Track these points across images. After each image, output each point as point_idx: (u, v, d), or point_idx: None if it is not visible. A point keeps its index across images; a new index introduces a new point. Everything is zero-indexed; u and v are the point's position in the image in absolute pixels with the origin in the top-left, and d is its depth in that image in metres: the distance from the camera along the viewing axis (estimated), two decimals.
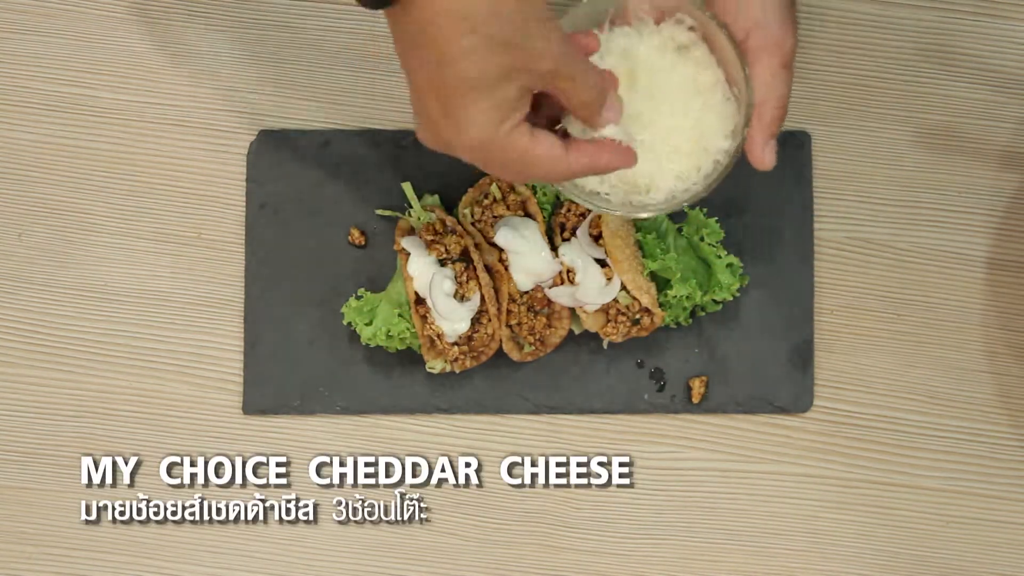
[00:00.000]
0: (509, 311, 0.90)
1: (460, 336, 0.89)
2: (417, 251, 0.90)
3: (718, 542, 0.94)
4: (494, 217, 0.90)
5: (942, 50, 0.95)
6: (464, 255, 0.90)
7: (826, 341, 0.94)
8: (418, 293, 0.89)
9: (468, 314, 0.89)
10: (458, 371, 0.91)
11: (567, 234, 0.90)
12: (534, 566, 0.94)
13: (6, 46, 0.95)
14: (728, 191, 0.94)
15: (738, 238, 0.94)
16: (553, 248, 0.90)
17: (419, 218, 0.91)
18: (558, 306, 0.90)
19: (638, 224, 0.91)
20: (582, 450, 0.94)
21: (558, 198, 0.92)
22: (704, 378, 0.93)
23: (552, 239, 0.91)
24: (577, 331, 0.92)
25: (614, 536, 0.94)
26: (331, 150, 0.95)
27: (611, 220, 0.89)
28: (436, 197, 0.93)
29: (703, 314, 0.93)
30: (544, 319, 0.90)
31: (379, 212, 0.94)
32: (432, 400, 0.94)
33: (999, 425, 0.94)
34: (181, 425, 0.94)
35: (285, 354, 0.94)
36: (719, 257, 0.90)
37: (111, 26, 0.96)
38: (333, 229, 0.94)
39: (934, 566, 0.94)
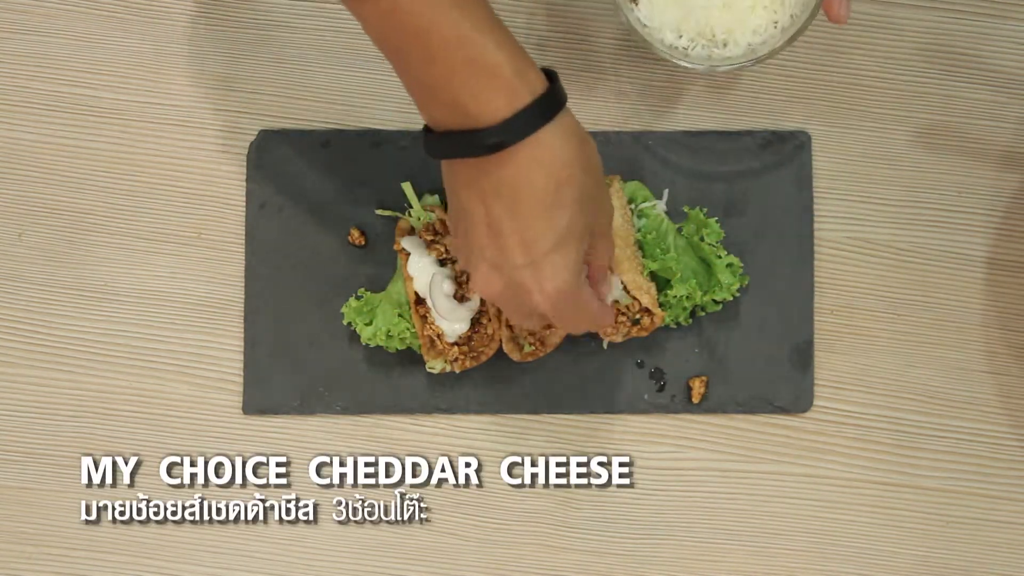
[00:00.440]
0: None
1: (460, 336, 0.89)
2: (417, 251, 0.90)
3: (718, 542, 0.94)
4: None
5: (942, 50, 0.95)
6: None
7: (826, 341, 0.94)
8: (418, 293, 0.89)
9: (468, 314, 0.89)
10: (458, 371, 0.91)
11: None
12: (534, 566, 0.94)
13: (6, 46, 0.95)
14: (728, 191, 0.94)
15: (738, 238, 0.94)
16: None
17: (419, 218, 0.91)
18: None
19: (638, 224, 0.92)
20: (582, 450, 0.94)
21: None
22: (704, 378, 0.93)
23: None
24: None
25: (614, 536, 0.94)
26: (331, 150, 0.95)
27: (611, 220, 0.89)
28: (436, 197, 0.93)
29: (703, 314, 0.93)
30: None
31: (379, 212, 0.94)
32: (432, 400, 0.94)
33: (999, 425, 0.94)
34: (181, 425, 0.94)
35: (285, 354, 0.94)
36: (719, 257, 0.90)
37: (111, 26, 0.96)
38: (333, 229, 0.94)
39: (934, 566, 0.94)
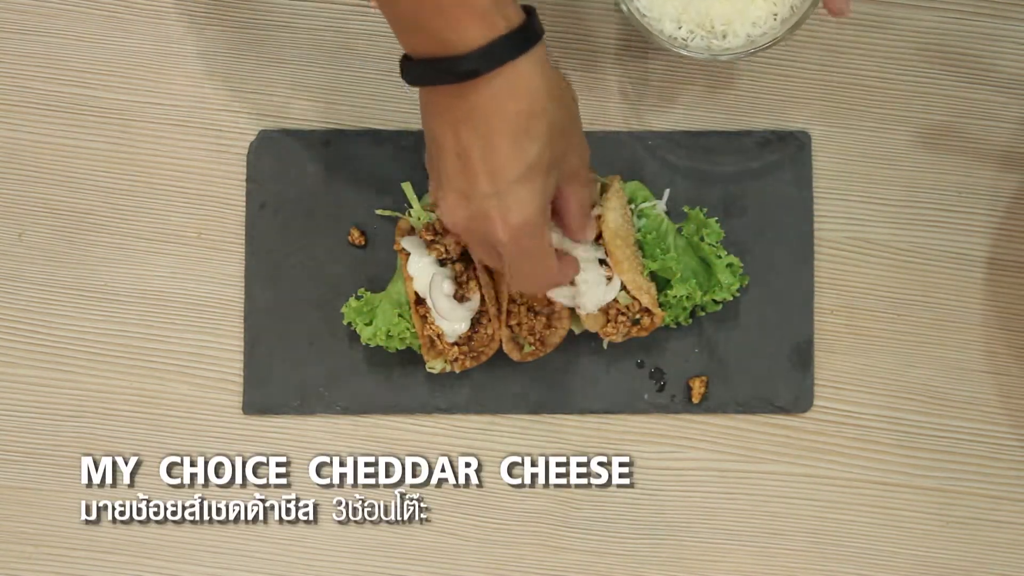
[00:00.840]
0: (509, 311, 0.90)
1: (460, 336, 0.89)
2: (417, 251, 0.90)
3: (718, 542, 0.94)
4: None
5: (942, 50, 0.95)
6: (464, 255, 0.90)
7: (826, 341, 0.94)
8: (418, 293, 0.89)
9: (468, 314, 0.89)
10: (458, 371, 0.91)
11: None
12: (534, 566, 0.94)
13: (6, 46, 0.95)
14: (728, 191, 0.94)
15: (738, 238, 0.94)
16: None
17: (419, 218, 0.91)
18: (558, 306, 0.90)
19: (638, 224, 0.92)
20: (582, 450, 0.94)
21: None
22: (704, 378, 0.93)
23: None
24: (577, 331, 0.92)
25: (614, 536, 0.94)
26: (331, 150, 0.95)
27: (611, 220, 0.89)
28: None
29: (703, 314, 0.93)
30: (544, 319, 0.90)
31: (379, 212, 0.94)
32: (432, 400, 0.94)
33: (999, 425, 0.94)
34: (181, 425, 0.94)
35: (285, 354, 0.94)
36: (719, 257, 0.90)
37: (111, 26, 0.96)
38: (333, 229, 0.94)
39: (934, 566, 0.94)
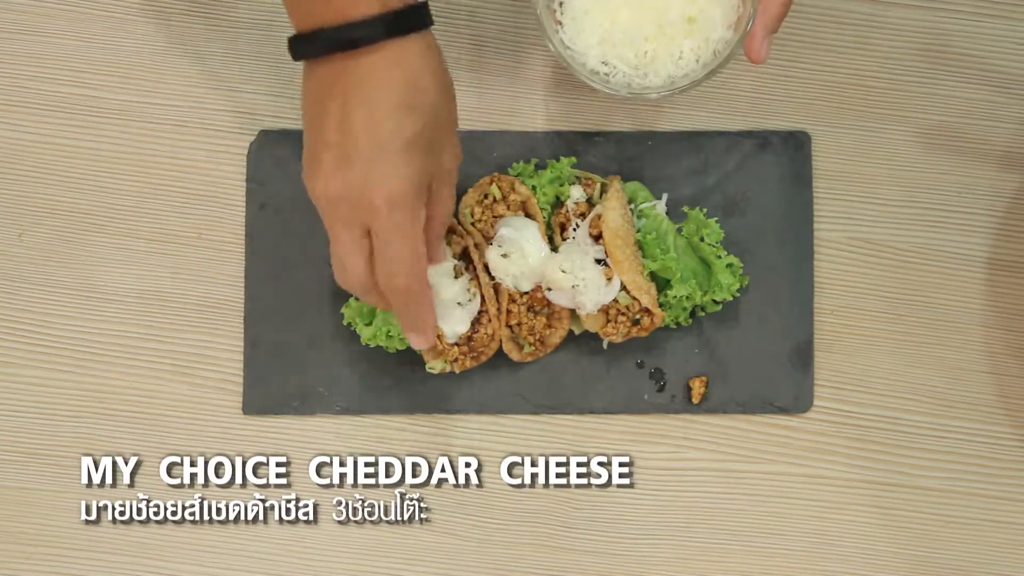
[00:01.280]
0: (509, 311, 0.90)
1: (460, 336, 0.89)
2: None
3: (718, 542, 0.94)
4: (494, 217, 0.90)
5: (942, 50, 0.95)
6: (464, 255, 0.90)
7: (826, 341, 0.94)
8: None
9: (468, 316, 0.89)
10: (458, 371, 0.91)
11: (567, 234, 0.90)
12: (534, 566, 0.94)
13: (6, 46, 0.95)
14: (728, 191, 0.94)
15: (738, 238, 0.94)
16: (553, 248, 0.90)
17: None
18: (558, 306, 0.90)
19: (638, 224, 0.92)
20: (582, 450, 0.94)
21: (558, 199, 0.92)
22: (704, 378, 0.93)
23: (552, 239, 0.91)
24: (577, 331, 0.92)
25: (614, 536, 0.94)
26: None
27: (611, 220, 0.89)
28: None
29: (703, 314, 0.93)
30: (544, 319, 0.90)
31: None
32: (432, 400, 0.94)
33: (999, 425, 0.94)
34: (181, 425, 0.94)
35: (285, 354, 0.94)
36: (719, 257, 0.90)
37: (111, 26, 0.96)
38: None
39: (934, 566, 0.94)
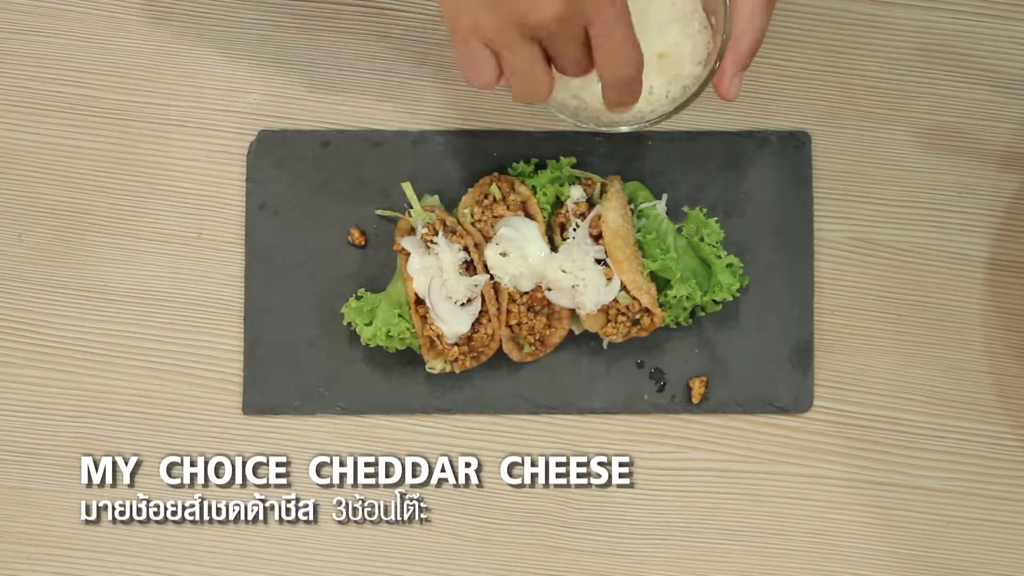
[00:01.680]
0: (509, 311, 0.90)
1: (460, 336, 0.89)
2: (417, 251, 0.90)
3: (718, 542, 0.94)
4: (494, 217, 0.90)
5: (942, 50, 0.95)
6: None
7: (826, 341, 0.94)
8: (418, 293, 0.89)
9: (468, 317, 0.89)
10: (458, 371, 0.91)
11: (567, 234, 0.90)
12: (534, 566, 0.94)
13: (6, 46, 0.95)
14: (728, 191, 0.94)
15: (738, 238, 0.94)
16: (553, 248, 0.90)
17: (419, 218, 0.91)
18: (558, 306, 0.90)
19: (638, 224, 0.92)
20: (582, 450, 0.94)
21: (558, 199, 0.92)
22: (704, 378, 0.93)
23: (552, 239, 0.91)
24: (577, 331, 0.92)
25: (614, 536, 0.94)
26: (331, 150, 0.95)
27: (611, 220, 0.89)
28: (436, 197, 0.93)
29: (703, 314, 0.93)
30: (544, 319, 0.90)
31: (379, 212, 0.94)
32: (432, 400, 0.94)
33: (999, 425, 0.94)
34: (181, 425, 0.94)
35: (285, 354, 0.94)
36: (719, 257, 0.90)
37: (111, 26, 0.96)
38: (333, 229, 0.94)
39: (934, 566, 0.94)
